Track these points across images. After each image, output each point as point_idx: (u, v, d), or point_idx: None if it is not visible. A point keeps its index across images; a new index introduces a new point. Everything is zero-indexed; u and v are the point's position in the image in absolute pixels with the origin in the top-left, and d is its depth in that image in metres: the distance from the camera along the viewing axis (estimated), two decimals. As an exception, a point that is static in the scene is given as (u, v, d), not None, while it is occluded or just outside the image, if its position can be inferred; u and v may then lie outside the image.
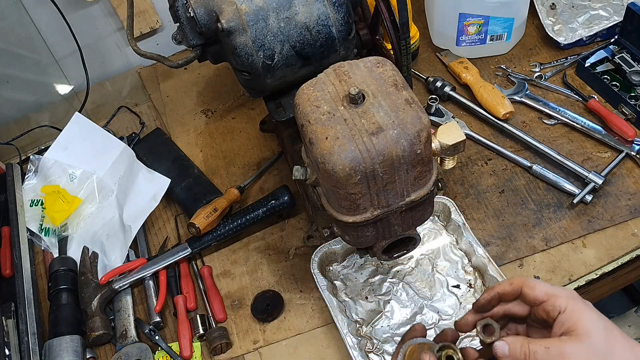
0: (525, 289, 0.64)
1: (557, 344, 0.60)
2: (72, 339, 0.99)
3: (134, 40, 0.98)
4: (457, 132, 0.74)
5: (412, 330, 0.76)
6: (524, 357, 0.61)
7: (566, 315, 0.60)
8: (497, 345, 0.62)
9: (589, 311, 0.60)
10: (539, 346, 0.60)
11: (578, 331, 0.59)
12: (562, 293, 0.62)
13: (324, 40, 0.84)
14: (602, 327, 0.59)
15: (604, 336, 0.59)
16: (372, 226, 0.73)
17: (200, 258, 1.12)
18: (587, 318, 0.59)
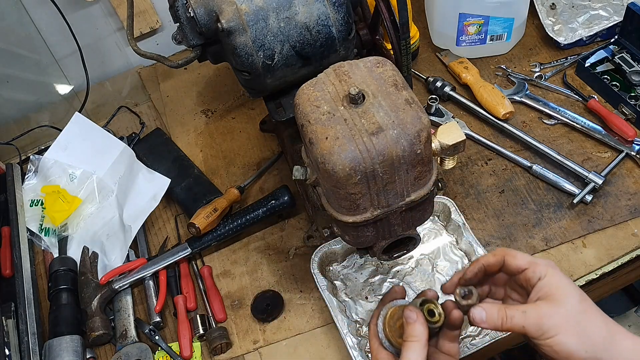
0: (508, 258, 0.66)
1: (534, 307, 0.62)
2: (72, 339, 0.99)
3: (134, 40, 0.98)
4: (457, 132, 0.74)
5: (391, 292, 0.75)
6: (501, 322, 0.62)
7: (545, 282, 0.62)
8: (474, 311, 0.64)
9: (566, 280, 0.63)
10: (515, 311, 0.62)
11: (555, 296, 0.61)
12: (542, 262, 0.65)
13: (324, 40, 0.84)
14: (578, 294, 0.62)
15: (578, 301, 0.61)
16: (372, 226, 0.73)
17: (200, 258, 1.12)
18: (564, 285, 0.62)
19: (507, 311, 0.62)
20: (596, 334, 0.60)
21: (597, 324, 0.61)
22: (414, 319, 0.64)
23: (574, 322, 0.60)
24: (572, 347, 0.59)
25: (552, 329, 0.60)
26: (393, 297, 0.73)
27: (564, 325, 0.60)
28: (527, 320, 0.61)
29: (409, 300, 0.72)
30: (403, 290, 0.74)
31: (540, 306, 0.61)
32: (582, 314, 0.61)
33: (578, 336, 0.59)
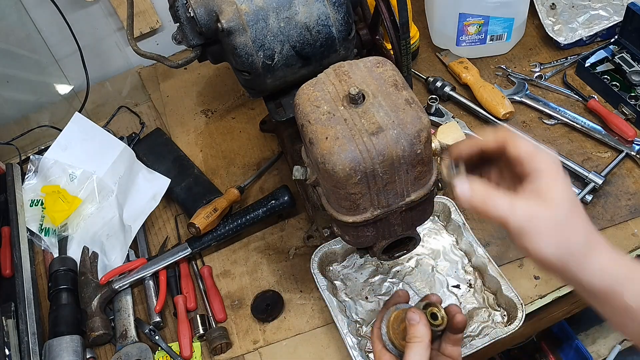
0: (510, 148, 0.60)
1: (523, 202, 0.57)
2: (72, 339, 0.99)
3: (134, 40, 0.98)
4: (457, 132, 0.74)
5: (395, 296, 0.75)
6: (484, 205, 0.58)
7: (543, 179, 0.58)
8: (459, 183, 0.60)
9: (564, 183, 0.58)
10: (503, 199, 0.58)
11: (548, 197, 0.57)
12: (545, 156, 0.59)
13: (324, 40, 0.84)
14: (571, 199, 0.58)
15: (568, 208, 0.58)
16: (372, 226, 0.73)
17: (200, 258, 1.12)
18: (560, 186, 0.58)
19: (494, 196, 0.58)
20: (574, 244, 0.57)
21: (579, 234, 0.58)
22: (417, 320, 0.64)
23: (557, 229, 0.57)
24: (546, 254, 0.57)
25: (534, 230, 0.56)
26: (396, 301, 0.74)
27: (546, 230, 0.57)
28: (514, 214, 0.57)
29: (412, 304, 0.72)
30: (406, 294, 0.75)
31: (529, 203, 0.57)
32: (567, 221, 0.57)
33: (557, 245, 0.57)
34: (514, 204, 0.57)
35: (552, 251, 0.57)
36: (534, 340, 1.63)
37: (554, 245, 0.57)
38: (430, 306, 0.67)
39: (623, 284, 0.56)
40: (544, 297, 0.97)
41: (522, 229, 0.57)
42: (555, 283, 0.98)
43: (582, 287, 0.58)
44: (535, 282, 0.99)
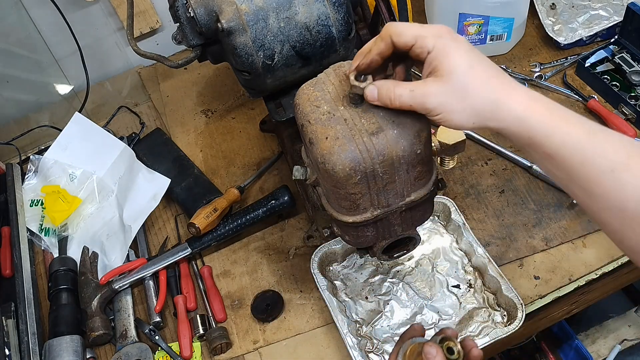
0: (394, 38, 0.60)
1: (421, 85, 0.59)
2: (72, 339, 0.99)
3: (134, 40, 0.98)
4: (457, 132, 0.74)
5: (411, 329, 0.76)
6: (389, 101, 0.61)
7: (433, 55, 0.58)
8: (368, 89, 0.62)
9: (457, 49, 0.58)
10: (404, 89, 0.60)
11: (441, 71, 0.57)
12: (430, 32, 0.59)
13: (324, 40, 0.84)
14: (466, 65, 0.57)
15: (464, 73, 0.57)
16: (372, 226, 0.73)
17: (200, 258, 1.12)
18: (451, 57, 0.57)
19: (395, 89, 0.60)
20: (481, 107, 0.58)
21: (483, 96, 0.57)
22: (434, 354, 0.64)
23: (458, 98, 0.57)
24: (458, 121, 0.58)
25: (437, 107, 0.58)
26: (412, 334, 0.74)
27: (448, 103, 0.57)
28: (414, 99, 0.59)
29: (428, 337, 0.72)
30: (422, 328, 0.75)
31: (427, 84, 0.58)
32: (467, 87, 0.57)
33: (463, 111, 0.57)
34: (414, 90, 0.59)
35: (465, 120, 0.58)
36: (534, 340, 1.63)
37: (461, 113, 0.58)
38: (447, 340, 0.67)
39: (542, 133, 0.57)
40: (544, 297, 0.97)
41: (427, 111, 0.59)
42: (555, 283, 0.98)
43: (508, 138, 0.60)
44: (535, 282, 0.99)
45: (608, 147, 0.54)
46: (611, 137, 0.55)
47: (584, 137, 0.55)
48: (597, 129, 0.56)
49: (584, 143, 0.54)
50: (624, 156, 0.53)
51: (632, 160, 0.52)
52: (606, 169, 0.53)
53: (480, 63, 0.58)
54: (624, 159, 0.53)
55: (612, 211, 0.54)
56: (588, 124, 0.56)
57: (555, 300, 0.98)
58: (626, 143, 0.54)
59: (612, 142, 0.54)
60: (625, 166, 0.52)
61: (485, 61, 0.59)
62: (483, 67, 0.58)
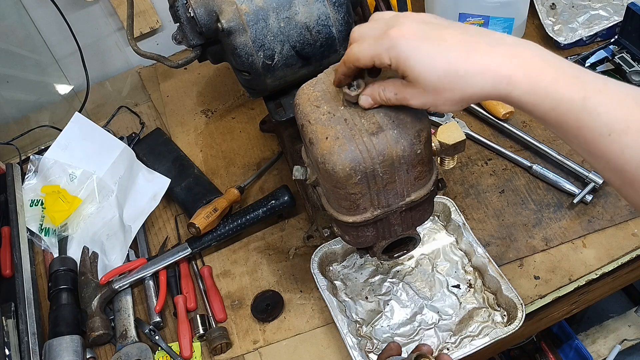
0: (355, 63, 0.61)
1: (401, 88, 0.60)
2: (72, 339, 0.99)
3: (134, 40, 0.98)
4: (457, 132, 0.74)
5: (387, 349, 0.78)
6: (384, 102, 0.62)
7: (394, 67, 0.58)
8: (361, 98, 0.63)
9: (412, 53, 0.55)
10: (390, 93, 0.61)
11: (408, 78, 0.57)
12: (384, 46, 0.57)
13: (324, 40, 0.84)
14: (427, 64, 0.55)
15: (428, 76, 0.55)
16: (372, 226, 0.73)
17: (200, 258, 1.12)
18: (410, 65, 0.56)
19: (384, 94, 0.61)
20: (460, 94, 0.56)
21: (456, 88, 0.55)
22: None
23: (435, 95, 0.57)
24: (448, 110, 0.59)
25: (422, 105, 0.59)
26: (389, 354, 0.76)
27: (428, 101, 0.58)
28: (400, 102, 0.61)
29: (405, 356, 0.74)
30: (398, 346, 0.77)
31: (405, 88, 0.59)
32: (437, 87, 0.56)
33: (446, 102, 0.57)
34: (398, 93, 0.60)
35: (453, 108, 0.58)
36: (534, 340, 1.63)
37: (448, 106, 0.57)
38: (422, 357, 0.69)
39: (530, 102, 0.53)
40: (544, 297, 0.97)
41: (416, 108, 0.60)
42: (555, 283, 0.98)
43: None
44: (535, 282, 0.99)
45: (606, 109, 0.50)
46: (610, 97, 0.51)
47: (578, 101, 0.51)
48: (594, 89, 0.51)
49: (578, 107, 0.51)
50: (622, 118, 0.50)
51: (631, 122, 0.49)
52: (603, 132, 0.50)
53: (441, 49, 0.55)
54: (622, 121, 0.49)
55: (612, 172, 0.52)
56: (583, 84, 0.51)
57: (555, 300, 0.98)
58: (628, 101, 0.50)
59: (610, 102, 0.50)
60: (624, 129, 0.49)
61: (446, 41, 0.55)
62: (445, 52, 0.55)
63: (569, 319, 1.55)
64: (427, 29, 0.56)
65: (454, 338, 0.94)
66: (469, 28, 0.57)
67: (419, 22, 0.57)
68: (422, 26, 0.56)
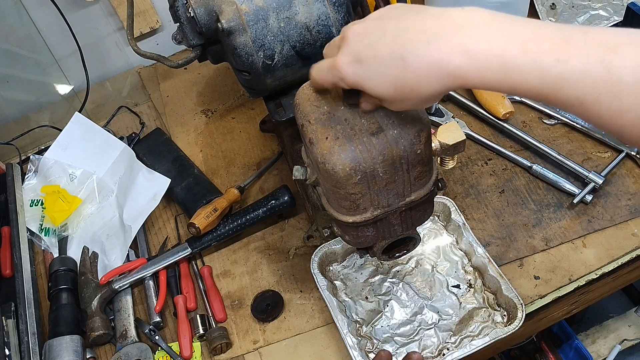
0: (318, 87, 0.63)
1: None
2: (72, 339, 0.99)
3: (134, 40, 0.98)
4: (457, 132, 0.73)
5: (377, 357, 0.78)
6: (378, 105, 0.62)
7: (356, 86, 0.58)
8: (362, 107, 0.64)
9: (366, 73, 0.55)
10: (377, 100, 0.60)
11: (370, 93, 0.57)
12: (336, 79, 0.58)
13: (324, 40, 0.84)
14: (383, 82, 0.54)
15: (387, 93, 0.55)
16: (372, 226, 0.73)
17: (200, 258, 1.12)
18: (366, 88, 0.56)
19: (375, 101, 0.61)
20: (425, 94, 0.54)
21: (416, 93, 0.53)
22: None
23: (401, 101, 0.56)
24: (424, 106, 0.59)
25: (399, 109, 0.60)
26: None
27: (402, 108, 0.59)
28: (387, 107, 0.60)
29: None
30: (389, 355, 0.77)
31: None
32: (399, 96, 0.55)
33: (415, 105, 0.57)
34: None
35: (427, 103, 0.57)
36: (534, 340, 1.63)
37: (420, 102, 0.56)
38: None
39: (488, 85, 0.49)
40: (544, 297, 0.97)
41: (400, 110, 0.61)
42: (555, 283, 0.98)
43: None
44: (535, 282, 0.99)
45: (570, 82, 0.45)
46: (571, 65, 0.45)
47: (537, 85, 0.46)
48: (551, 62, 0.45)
49: (540, 86, 0.47)
50: (591, 87, 0.45)
51: (601, 88, 0.44)
52: (575, 104, 0.46)
53: (379, 70, 0.54)
54: (591, 92, 0.45)
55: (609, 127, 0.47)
56: (537, 62, 0.46)
57: (555, 300, 0.98)
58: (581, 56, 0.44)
59: (572, 73, 0.45)
60: (595, 99, 0.45)
61: (380, 58, 0.53)
62: (385, 70, 0.53)
63: (569, 319, 1.56)
64: (362, 49, 0.55)
65: (454, 338, 0.94)
66: (404, 23, 0.52)
67: (356, 41, 0.56)
68: (358, 47, 0.55)
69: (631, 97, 0.43)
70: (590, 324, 1.67)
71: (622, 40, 0.44)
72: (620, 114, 0.44)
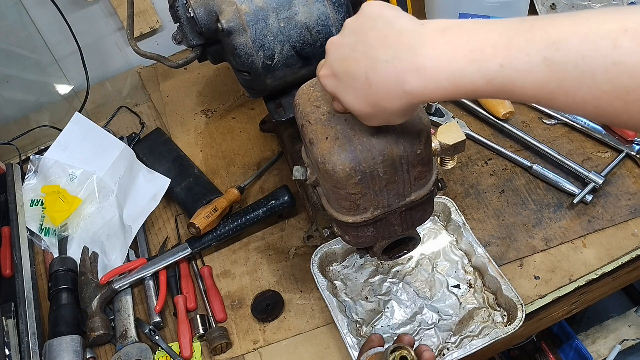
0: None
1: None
2: (72, 339, 0.99)
3: (134, 40, 0.98)
4: (457, 132, 0.73)
5: (369, 341, 0.77)
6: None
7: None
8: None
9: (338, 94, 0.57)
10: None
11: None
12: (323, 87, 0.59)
13: (324, 40, 0.84)
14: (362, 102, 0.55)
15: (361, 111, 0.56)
16: (372, 226, 0.73)
17: (200, 258, 1.12)
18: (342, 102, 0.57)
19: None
20: (390, 116, 0.56)
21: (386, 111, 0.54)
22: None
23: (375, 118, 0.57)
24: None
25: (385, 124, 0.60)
26: (370, 346, 0.76)
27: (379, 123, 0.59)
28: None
29: (387, 345, 0.74)
30: (380, 338, 0.77)
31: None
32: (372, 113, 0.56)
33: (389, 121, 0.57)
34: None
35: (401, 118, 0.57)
36: (534, 340, 1.63)
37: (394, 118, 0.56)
38: (400, 349, 0.70)
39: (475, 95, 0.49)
40: (544, 297, 0.97)
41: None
42: (555, 283, 0.98)
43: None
44: (535, 282, 0.99)
45: (519, 85, 0.45)
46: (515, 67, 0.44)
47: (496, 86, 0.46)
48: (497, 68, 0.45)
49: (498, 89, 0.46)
50: (538, 89, 0.45)
51: (552, 85, 0.44)
52: (533, 101, 0.46)
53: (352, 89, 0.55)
54: (542, 91, 0.44)
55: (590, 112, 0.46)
56: (482, 67, 0.46)
57: (555, 300, 0.98)
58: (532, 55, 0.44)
59: (519, 76, 0.45)
60: (547, 95, 0.44)
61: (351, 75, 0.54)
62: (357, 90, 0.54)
63: (569, 319, 1.55)
64: (337, 64, 0.56)
65: (454, 338, 0.94)
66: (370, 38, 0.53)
67: (333, 54, 0.57)
68: (334, 61, 0.56)
69: (581, 90, 0.43)
70: (590, 324, 1.67)
71: (565, 31, 0.43)
72: (578, 106, 0.44)
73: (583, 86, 0.42)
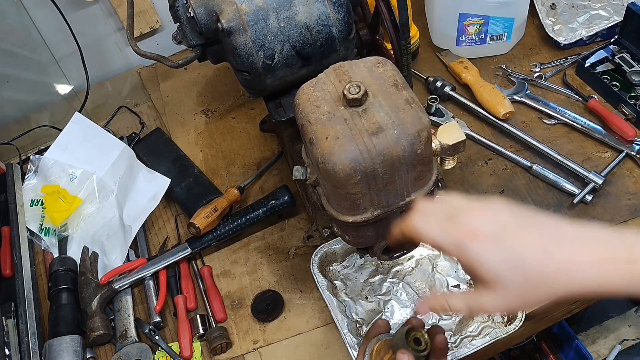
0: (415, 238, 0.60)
1: (474, 296, 0.57)
2: (72, 339, 0.99)
3: (134, 40, 0.98)
4: (457, 132, 0.73)
5: (375, 326, 0.75)
6: (444, 310, 0.61)
7: (463, 265, 0.57)
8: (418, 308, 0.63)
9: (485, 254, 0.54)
10: (457, 300, 0.59)
11: (484, 280, 0.55)
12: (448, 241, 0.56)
13: (324, 40, 0.84)
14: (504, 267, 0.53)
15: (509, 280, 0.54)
16: (372, 226, 0.73)
17: (200, 258, 1.12)
18: (484, 266, 0.54)
19: (449, 300, 0.60)
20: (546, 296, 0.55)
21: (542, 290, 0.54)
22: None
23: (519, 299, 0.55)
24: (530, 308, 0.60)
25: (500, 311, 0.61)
26: (377, 331, 0.74)
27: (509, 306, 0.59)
28: (472, 310, 0.58)
29: (393, 332, 0.72)
30: (387, 324, 0.75)
31: (480, 296, 0.57)
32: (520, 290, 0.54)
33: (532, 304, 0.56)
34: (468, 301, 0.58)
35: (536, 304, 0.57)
36: (534, 340, 1.63)
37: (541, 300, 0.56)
38: (413, 331, 0.67)
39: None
40: (544, 297, 0.97)
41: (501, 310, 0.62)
42: (555, 283, 0.98)
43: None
44: (535, 282, 0.98)
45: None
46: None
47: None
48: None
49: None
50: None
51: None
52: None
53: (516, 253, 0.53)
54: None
55: None
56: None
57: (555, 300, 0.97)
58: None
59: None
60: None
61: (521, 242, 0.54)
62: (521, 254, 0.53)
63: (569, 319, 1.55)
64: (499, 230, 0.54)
65: (454, 338, 0.94)
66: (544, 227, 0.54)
67: (490, 221, 0.55)
68: (494, 226, 0.55)
69: None
70: (590, 324, 1.67)
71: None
72: None
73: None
